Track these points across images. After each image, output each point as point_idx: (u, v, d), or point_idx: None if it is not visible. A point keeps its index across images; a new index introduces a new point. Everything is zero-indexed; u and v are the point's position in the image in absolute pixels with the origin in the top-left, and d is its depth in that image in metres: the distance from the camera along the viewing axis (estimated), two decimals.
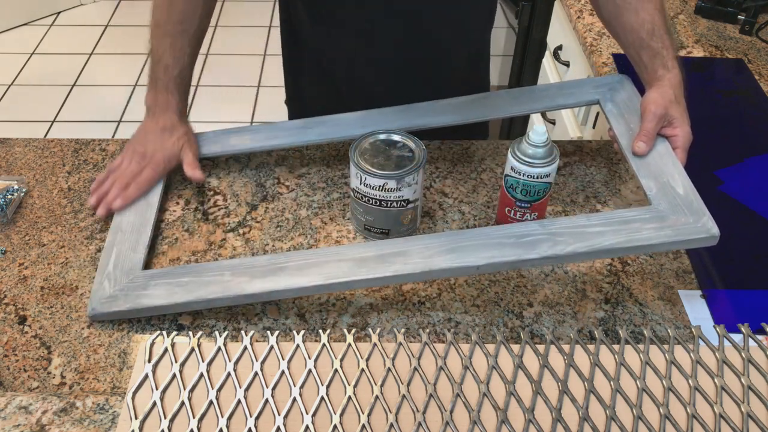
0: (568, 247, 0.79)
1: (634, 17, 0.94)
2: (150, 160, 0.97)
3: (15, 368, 0.78)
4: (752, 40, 1.42)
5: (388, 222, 0.90)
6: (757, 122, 1.20)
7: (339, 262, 0.82)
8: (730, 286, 0.90)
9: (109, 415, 0.72)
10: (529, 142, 0.84)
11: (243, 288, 0.81)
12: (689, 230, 0.80)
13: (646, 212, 0.83)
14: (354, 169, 0.88)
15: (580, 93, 1.04)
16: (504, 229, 0.83)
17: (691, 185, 0.85)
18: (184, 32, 0.96)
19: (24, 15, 3.38)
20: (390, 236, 0.91)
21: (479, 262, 0.79)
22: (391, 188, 0.86)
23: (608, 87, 1.04)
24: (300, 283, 0.81)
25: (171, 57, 0.96)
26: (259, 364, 0.77)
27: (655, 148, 0.91)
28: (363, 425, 0.72)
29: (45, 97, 2.95)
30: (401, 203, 0.88)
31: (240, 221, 0.97)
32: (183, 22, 0.96)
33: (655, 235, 0.80)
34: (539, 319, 0.85)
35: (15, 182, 1.00)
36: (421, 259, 0.81)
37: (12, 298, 0.86)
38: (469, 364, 0.78)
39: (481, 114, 1.05)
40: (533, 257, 0.79)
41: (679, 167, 0.88)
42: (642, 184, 0.87)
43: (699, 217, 0.82)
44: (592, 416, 0.73)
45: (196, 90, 3.01)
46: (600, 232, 0.81)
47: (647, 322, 0.85)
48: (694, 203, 0.83)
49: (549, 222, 0.83)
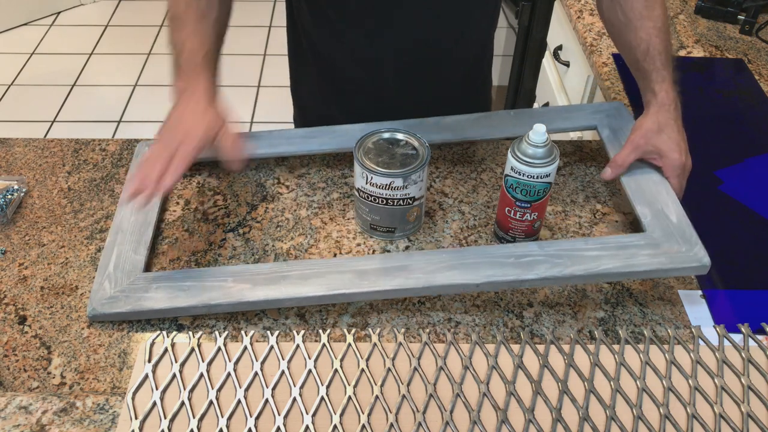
0: (566, 270, 0.82)
1: (633, 36, 0.94)
2: (186, 136, 0.83)
3: (15, 368, 0.78)
4: (752, 40, 1.42)
5: (393, 220, 0.90)
6: (757, 122, 1.20)
7: (341, 274, 0.83)
8: (730, 286, 0.90)
9: (109, 415, 0.72)
10: (529, 142, 0.84)
11: (244, 295, 0.82)
12: (682, 259, 0.83)
13: (641, 239, 0.86)
14: (359, 169, 0.88)
15: (578, 117, 1.07)
16: (503, 249, 0.85)
17: (684, 214, 0.88)
18: (204, 18, 0.90)
19: (24, 15, 3.38)
20: (396, 233, 0.92)
21: (479, 280, 0.82)
22: (398, 186, 0.86)
23: (605, 114, 1.07)
24: (302, 293, 0.82)
25: (194, 42, 0.89)
26: (259, 364, 0.78)
27: (650, 176, 0.93)
28: (363, 425, 0.72)
29: (45, 97, 2.95)
30: (407, 201, 0.89)
31: (240, 221, 0.97)
32: (202, 9, 0.90)
33: (649, 262, 0.83)
34: (539, 319, 0.85)
35: (15, 182, 1.00)
36: (422, 274, 0.83)
37: (12, 298, 0.86)
38: (469, 364, 0.78)
39: (483, 133, 1.06)
40: (531, 278, 0.82)
41: (672, 196, 0.91)
42: (637, 210, 0.90)
43: (691, 246, 0.85)
44: (592, 416, 0.73)
45: None
46: (597, 256, 0.84)
47: (647, 322, 0.85)
48: (686, 232, 0.86)
49: (547, 243, 0.86)
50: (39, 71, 3.09)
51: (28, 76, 3.06)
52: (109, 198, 1.00)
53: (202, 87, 0.86)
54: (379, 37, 1.04)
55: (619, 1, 0.95)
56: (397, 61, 1.07)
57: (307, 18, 1.08)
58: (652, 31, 0.93)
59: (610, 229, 0.97)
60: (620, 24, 0.95)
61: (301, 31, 1.11)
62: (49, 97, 2.95)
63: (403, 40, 1.04)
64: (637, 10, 0.93)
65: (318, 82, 1.15)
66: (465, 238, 0.95)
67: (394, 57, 1.07)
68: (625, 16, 0.94)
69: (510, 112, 1.11)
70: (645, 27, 0.93)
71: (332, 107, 1.05)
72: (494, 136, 1.06)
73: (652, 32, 0.93)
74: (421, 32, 1.04)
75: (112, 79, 3.05)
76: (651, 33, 0.93)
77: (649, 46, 0.92)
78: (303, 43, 1.12)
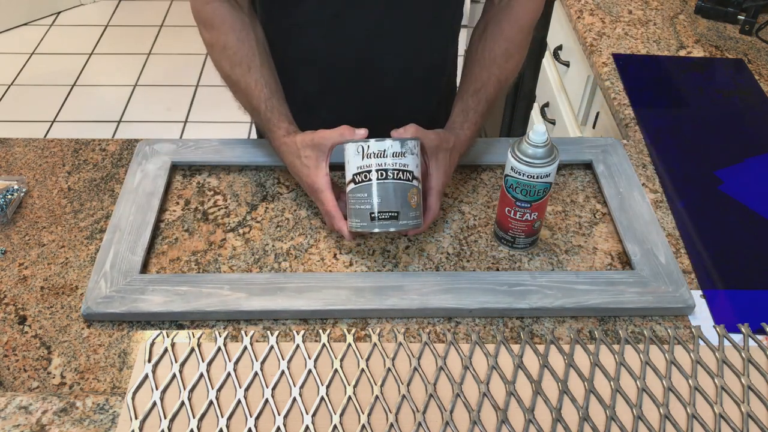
0: (557, 302, 0.84)
1: (478, 71, 0.98)
2: (312, 192, 0.92)
3: (15, 368, 0.78)
4: (752, 40, 1.42)
5: (396, 201, 0.85)
6: (757, 122, 1.20)
7: (337, 290, 0.85)
8: (730, 286, 0.90)
9: (109, 415, 0.72)
10: (529, 142, 0.84)
11: (240, 304, 0.83)
12: (668, 299, 0.85)
13: (630, 276, 0.88)
14: (352, 150, 0.85)
15: (575, 151, 1.08)
16: (497, 276, 0.88)
17: (672, 255, 0.91)
18: (251, 69, 0.94)
19: (24, 15, 3.38)
20: (399, 220, 0.85)
21: (473, 306, 0.84)
22: (396, 153, 0.84)
23: (601, 149, 1.08)
24: (297, 306, 0.83)
25: (258, 93, 0.94)
26: (259, 364, 0.78)
27: (642, 216, 0.96)
28: (363, 425, 0.72)
29: (45, 97, 2.95)
30: (406, 175, 0.85)
31: (240, 221, 0.97)
32: (243, 61, 0.94)
33: (637, 300, 0.85)
34: (539, 319, 0.85)
35: (15, 182, 1.00)
36: (417, 296, 0.85)
37: (12, 298, 0.86)
38: (469, 364, 0.78)
39: (475, 159, 1.07)
40: (523, 307, 0.84)
41: (662, 237, 0.93)
42: (627, 248, 0.92)
43: (678, 287, 0.87)
44: (592, 416, 0.73)
45: (196, 90, 3.01)
46: (587, 290, 0.86)
47: (647, 322, 0.85)
48: (674, 274, 0.88)
49: (540, 274, 0.88)
50: (39, 71, 3.09)
51: (28, 76, 3.06)
52: (109, 198, 1.00)
53: (287, 140, 0.92)
54: (334, 38, 1.03)
55: (486, 38, 0.99)
56: (352, 69, 1.06)
57: (261, 17, 1.05)
58: (493, 79, 0.98)
59: (609, 229, 0.97)
60: (476, 55, 1.00)
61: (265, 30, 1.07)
62: (49, 97, 2.95)
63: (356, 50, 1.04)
64: (495, 54, 0.98)
65: (283, 81, 1.09)
66: (465, 238, 0.95)
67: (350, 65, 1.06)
68: (483, 53, 0.99)
69: (509, 139, 1.11)
70: (491, 71, 0.98)
71: (294, 109, 1.03)
72: (491, 161, 1.08)
73: (493, 79, 0.98)
74: (377, 42, 1.04)
75: (112, 79, 3.05)
76: (492, 80, 0.98)
77: (482, 88, 0.97)
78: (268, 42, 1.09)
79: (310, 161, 0.89)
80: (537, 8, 0.99)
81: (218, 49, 0.96)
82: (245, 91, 0.95)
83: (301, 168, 0.90)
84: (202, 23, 0.96)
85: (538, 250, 0.94)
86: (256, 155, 1.05)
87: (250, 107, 0.96)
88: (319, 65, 1.07)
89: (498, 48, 0.98)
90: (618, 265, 0.92)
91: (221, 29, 0.95)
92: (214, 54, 0.97)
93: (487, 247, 0.94)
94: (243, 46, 0.95)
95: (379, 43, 1.03)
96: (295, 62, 1.06)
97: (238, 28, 0.95)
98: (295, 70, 1.07)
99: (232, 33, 0.95)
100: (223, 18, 0.95)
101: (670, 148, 1.12)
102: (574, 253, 0.93)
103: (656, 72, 1.32)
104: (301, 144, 0.89)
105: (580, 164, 1.07)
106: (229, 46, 0.95)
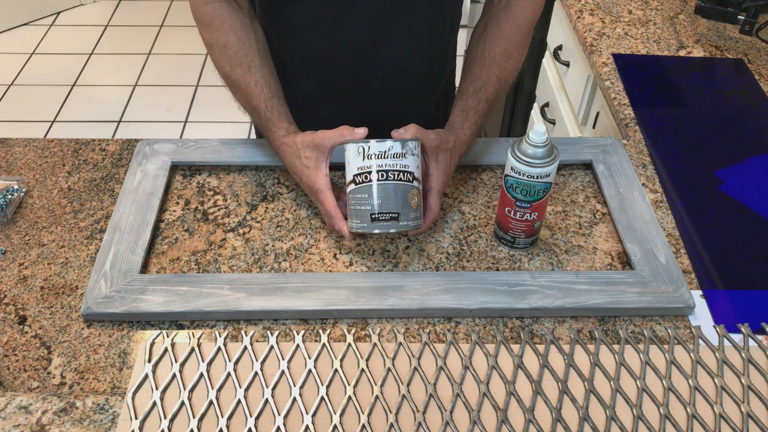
0: (557, 302, 0.84)
1: (477, 70, 0.98)
2: (312, 192, 0.91)
3: (15, 368, 0.78)
4: (752, 40, 1.42)
5: (397, 202, 0.85)
6: (757, 122, 1.20)
7: (337, 289, 0.85)
8: (730, 286, 0.90)
9: (109, 415, 0.72)
10: (529, 142, 0.84)
11: (240, 304, 0.83)
12: (668, 299, 0.85)
13: (630, 276, 0.88)
14: (352, 150, 0.85)
15: (575, 151, 1.08)
16: (497, 276, 0.88)
17: (672, 255, 0.90)
18: (251, 69, 0.95)
19: (24, 15, 3.38)
20: (400, 221, 0.85)
21: (473, 306, 0.84)
22: (396, 153, 0.84)
23: (601, 149, 1.08)
24: (297, 306, 0.83)
25: (258, 93, 0.94)
26: (259, 364, 0.78)
27: (642, 216, 0.96)
28: (363, 425, 0.72)
29: (45, 97, 2.95)
30: (407, 175, 0.85)
31: (240, 221, 0.97)
32: (243, 61, 0.94)
33: (636, 300, 0.85)
34: (539, 319, 0.85)
35: (15, 182, 1.00)
36: (417, 296, 0.85)
37: (12, 298, 0.86)
38: (469, 364, 0.78)
39: (475, 159, 1.07)
40: (523, 307, 0.84)
41: (662, 237, 0.93)
42: (627, 248, 0.92)
43: (678, 287, 0.86)
44: (592, 416, 0.73)
45: (196, 90, 3.01)
46: (587, 290, 0.86)
47: (647, 322, 0.85)
48: (674, 274, 0.88)
49: (540, 274, 0.88)
50: (39, 71, 3.09)
51: (28, 76, 3.06)
52: (109, 198, 1.00)
53: (287, 140, 0.92)
54: (331, 39, 1.03)
55: (486, 38, 0.99)
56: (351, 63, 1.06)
57: (261, 18, 1.05)
58: (493, 78, 0.98)
59: (609, 229, 0.97)
60: (475, 55, 1.00)
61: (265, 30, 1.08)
62: (49, 97, 2.95)
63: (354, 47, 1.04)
64: (495, 53, 0.98)
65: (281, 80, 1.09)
66: (465, 238, 0.95)
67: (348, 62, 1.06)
68: (483, 53, 0.99)
69: (509, 139, 1.11)
70: (491, 71, 0.98)
71: (294, 109, 1.03)
72: (490, 162, 1.08)
73: (493, 79, 0.98)
74: (376, 40, 1.04)
75: (112, 79, 3.05)
76: (492, 80, 0.98)
77: (482, 88, 0.97)
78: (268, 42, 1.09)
79: (310, 162, 0.89)
80: (536, 8, 1.00)
81: (218, 49, 0.96)
82: (245, 91, 0.95)
83: (301, 168, 0.90)
84: (202, 23, 0.97)
85: (538, 250, 0.94)
86: (256, 155, 1.05)
87: (249, 107, 0.96)
88: (318, 65, 1.07)
89: (498, 48, 0.98)
90: (618, 265, 0.92)
91: (221, 29, 0.95)
92: (214, 54, 0.97)
93: (487, 247, 0.94)
94: (243, 46, 0.95)
95: (379, 43, 1.03)
96: (295, 62, 1.07)
97: (238, 28, 0.95)
98: (295, 70, 1.07)
99: (232, 33, 0.95)
100: (222, 18, 0.95)
101: (670, 148, 1.12)
102: (574, 253, 0.93)
103: (656, 72, 1.32)
104: (301, 144, 0.90)
105: (580, 164, 1.08)
106: (229, 46, 0.95)
